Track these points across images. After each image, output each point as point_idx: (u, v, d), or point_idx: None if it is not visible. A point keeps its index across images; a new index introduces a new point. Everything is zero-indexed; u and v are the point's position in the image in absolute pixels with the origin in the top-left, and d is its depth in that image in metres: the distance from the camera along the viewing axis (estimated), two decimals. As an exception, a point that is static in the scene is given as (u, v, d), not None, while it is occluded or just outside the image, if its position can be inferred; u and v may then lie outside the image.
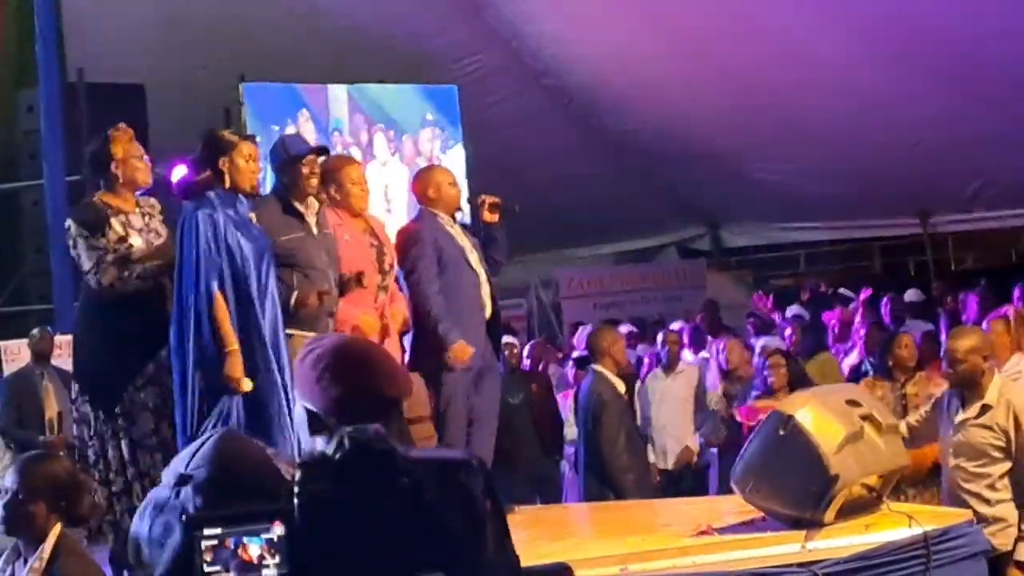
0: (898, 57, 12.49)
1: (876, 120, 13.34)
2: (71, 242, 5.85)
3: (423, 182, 7.03)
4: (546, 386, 9.67)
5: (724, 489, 8.18)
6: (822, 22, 12.44)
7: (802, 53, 12.78)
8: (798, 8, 12.39)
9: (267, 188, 6.61)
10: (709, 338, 11.02)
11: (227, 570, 1.32)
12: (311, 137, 11.49)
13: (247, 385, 5.57)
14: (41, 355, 9.69)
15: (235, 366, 5.54)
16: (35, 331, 9.93)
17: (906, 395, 7.34)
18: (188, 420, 5.59)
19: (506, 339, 10.14)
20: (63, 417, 8.80)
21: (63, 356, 8.90)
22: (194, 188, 5.82)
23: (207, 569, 1.33)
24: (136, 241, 5.84)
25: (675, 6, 12.83)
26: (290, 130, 11.69)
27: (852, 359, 9.84)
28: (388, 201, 11.25)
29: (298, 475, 1.24)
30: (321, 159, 6.48)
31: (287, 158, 6.25)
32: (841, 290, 12.94)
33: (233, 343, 5.56)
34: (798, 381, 7.99)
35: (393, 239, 6.89)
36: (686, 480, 9.21)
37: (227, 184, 5.72)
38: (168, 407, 5.73)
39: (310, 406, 2.72)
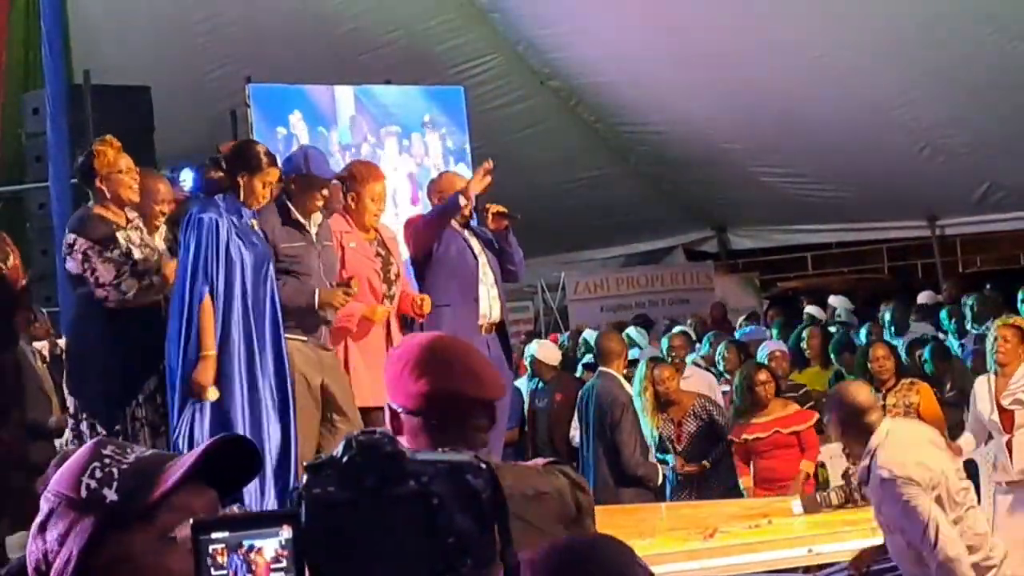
0: (906, 60, 12.47)
1: (884, 122, 13.31)
2: (79, 256, 5.69)
3: (438, 188, 7.15)
4: (572, 395, 9.35)
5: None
6: (829, 26, 12.42)
7: (809, 56, 12.76)
8: (805, 12, 12.37)
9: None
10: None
11: (235, 574, 1.31)
12: (303, 138, 11.46)
13: (211, 395, 5.46)
14: (32, 335, 9.15)
15: (204, 372, 5.46)
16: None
17: (885, 406, 7.26)
18: (174, 421, 5.56)
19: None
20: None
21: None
22: (209, 187, 5.82)
23: (215, 573, 1.31)
24: (137, 255, 5.79)
25: (682, 10, 12.81)
26: (281, 132, 11.64)
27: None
28: (396, 205, 11.18)
29: (305, 478, 1.23)
30: (349, 161, 6.48)
31: (305, 174, 6.15)
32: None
33: (209, 349, 5.47)
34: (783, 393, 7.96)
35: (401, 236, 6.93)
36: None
37: (238, 197, 5.73)
38: (165, 422, 5.69)
39: (395, 404, 2.72)
